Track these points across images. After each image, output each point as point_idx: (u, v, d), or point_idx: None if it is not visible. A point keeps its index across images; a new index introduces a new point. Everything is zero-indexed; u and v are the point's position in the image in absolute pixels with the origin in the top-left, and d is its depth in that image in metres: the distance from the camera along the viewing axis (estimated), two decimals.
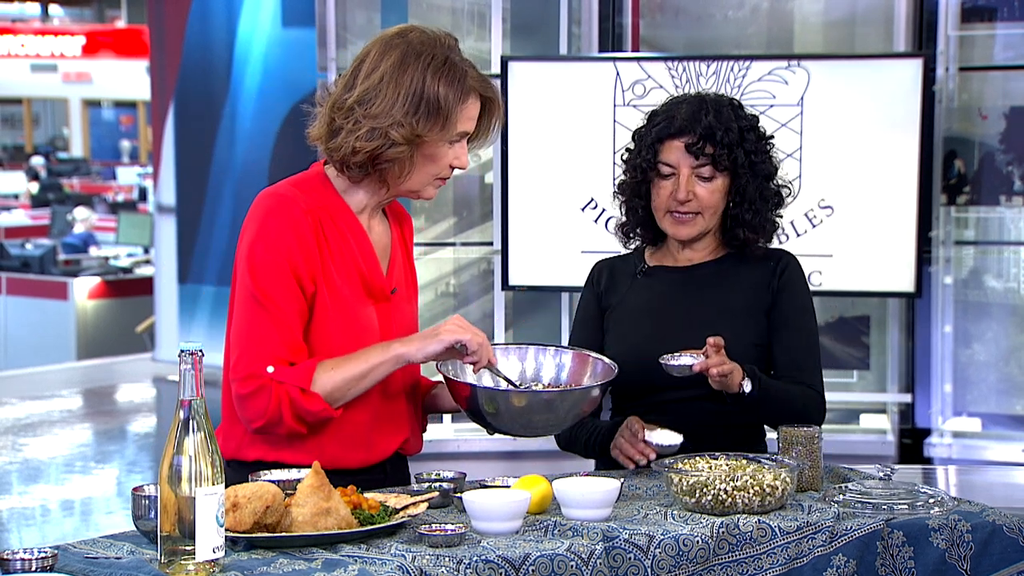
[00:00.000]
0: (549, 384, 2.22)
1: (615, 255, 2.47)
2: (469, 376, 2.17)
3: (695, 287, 2.37)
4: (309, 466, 1.82)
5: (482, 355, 2.05)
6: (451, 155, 2.08)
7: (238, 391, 2.00)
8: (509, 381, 2.16)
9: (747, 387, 2.18)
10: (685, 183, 2.31)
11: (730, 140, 2.29)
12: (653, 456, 2.17)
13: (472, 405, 2.10)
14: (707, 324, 2.30)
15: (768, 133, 2.38)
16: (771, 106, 3.84)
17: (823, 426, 2.21)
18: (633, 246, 2.45)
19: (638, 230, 2.41)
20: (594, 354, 2.23)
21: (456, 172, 2.14)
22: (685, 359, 2.16)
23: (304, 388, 1.99)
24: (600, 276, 2.43)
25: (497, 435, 2.16)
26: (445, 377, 2.12)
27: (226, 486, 1.68)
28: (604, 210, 3.88)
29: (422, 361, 2.06)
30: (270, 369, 1.98)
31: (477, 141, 2.13)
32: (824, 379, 2.36)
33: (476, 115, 2.08)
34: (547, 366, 2.23)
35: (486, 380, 2.14)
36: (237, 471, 2.01)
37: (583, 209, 3.90)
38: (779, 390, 2.25)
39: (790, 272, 2.35)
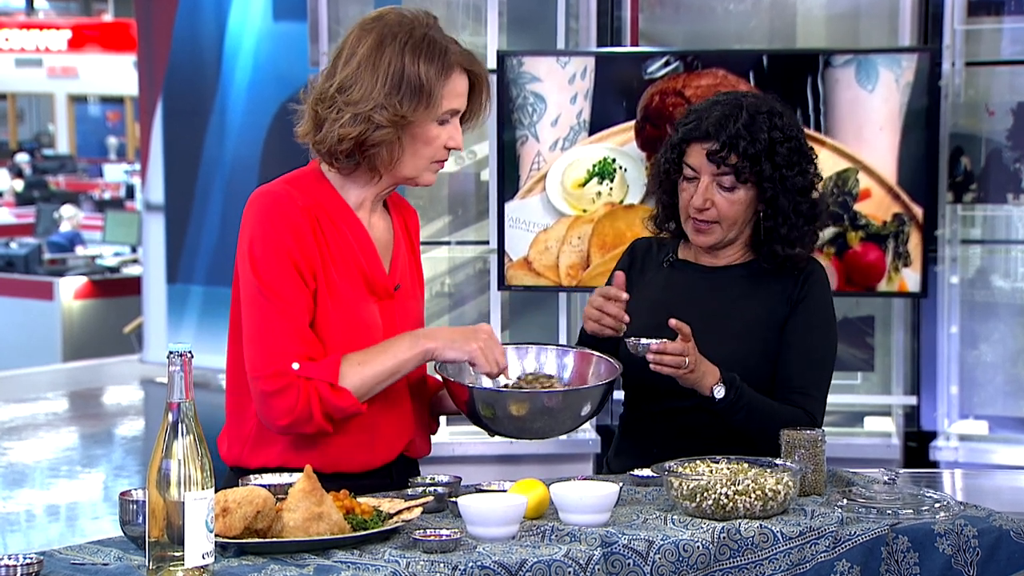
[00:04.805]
0: (551, 382, 2.16)
1: (659, 236, 2.42)
2: (467, 378, 2.12)
3: (716, 291, 2.32)
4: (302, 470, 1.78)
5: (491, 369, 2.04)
6: (444, 135, 2.03)
7: (264, 388, 1.95)
8: (535, 374, 2.14)
9: (718, 393, 2.14)
10: (703, 191, 2.25)
11: (755, 151, 2.22)
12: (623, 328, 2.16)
13: (471, 408, 2.06)
14: (720, 331, 2.25)
15: (808, 145, 2.29)
16: None
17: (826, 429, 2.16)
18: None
19: (667, 224, 2.36)
20: (597, 353, 2.18)
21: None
22: (647, 340, 2.12)
23: (333, 383, 1.95)
24: (634, 255, 2.39)
25: (494, 438, 2.12)
26: (444, 378, 2.08)
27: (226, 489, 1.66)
28: None
29: (447, 362, 2.05)
30: (295, 366, 1.94)
31: (471, 120, 2.08)
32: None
33: (464, 91, 2.03)
34: (549, 366, 2.18)
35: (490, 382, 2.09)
36: (240, 478, 1.97)
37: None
38: (763, 405, 2.19)
39: (811, 284, 2.28)
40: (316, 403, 1.95)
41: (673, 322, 2.11)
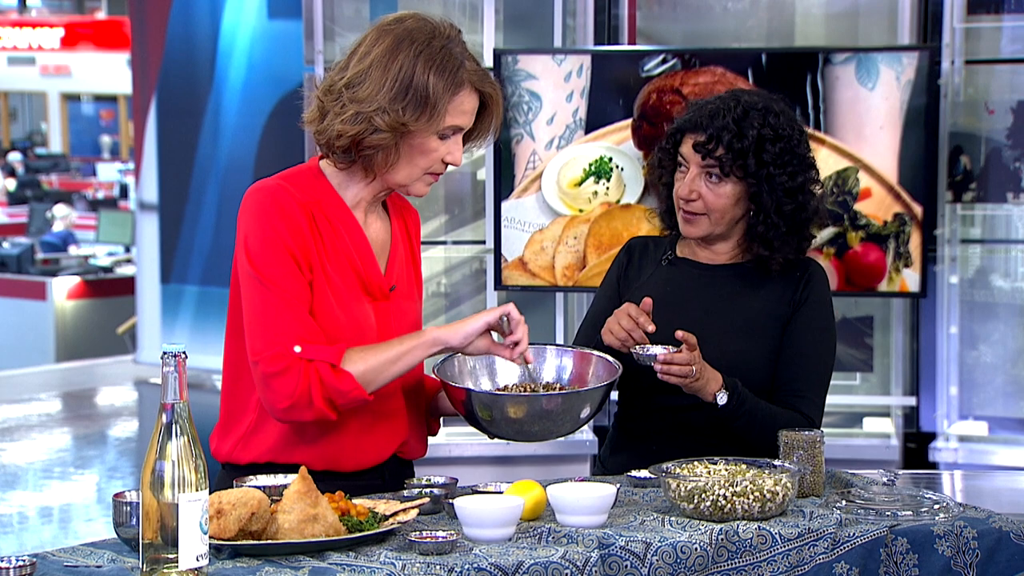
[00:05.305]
0: (550, 386, 2.14)
1: (654, 235, 2.42)
2: (466, 380, 2.11)
3: (715, 289, 2.31)
4: (296, 469, 1.77)
5: (523, 332, 2.00)
6: (443, 150, 2.01)
7: (265, 369, 1.93)
8: (534, 379, 2.11)
9: (721, 399, 2.15)
10: (690, 180, 2.26)
11: (741, 147, 2.22)
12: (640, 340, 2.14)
13: (468, 410, 2.04)
14: (720, 327, 2.24)
15: (808, 149, 2.28)
16: None
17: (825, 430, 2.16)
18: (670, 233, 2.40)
19: (672, 220, 2.36)
20: (596, 353, 2.16)
21: (448, 168, 2.06)
22: (654, 349, 2.11)
23: (335, 364, 1.93)
24: (631, 253, 2.39)
25: (493, 440, 2.10)
26: (442, 381, 2.06)
27: (220, 490, 1.65)
28: None
29: (460, 344, 2.00)
30: (297, 349, 1.93)
31: (476, 139, 2.06)
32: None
33: (471, 110, 2.01)
34: (547, 367, 2.16)
35: (504, 378, 2.07)
36: (232, 474, 1.98)
37: None
38: (763, 410, 2.20)
39: (812, 286, 2.28)
40: (316, 385, 1.93)
41: (680, 333, 2.12)
